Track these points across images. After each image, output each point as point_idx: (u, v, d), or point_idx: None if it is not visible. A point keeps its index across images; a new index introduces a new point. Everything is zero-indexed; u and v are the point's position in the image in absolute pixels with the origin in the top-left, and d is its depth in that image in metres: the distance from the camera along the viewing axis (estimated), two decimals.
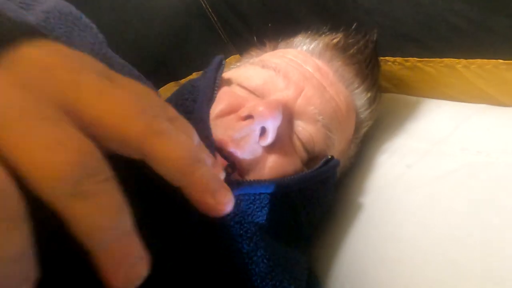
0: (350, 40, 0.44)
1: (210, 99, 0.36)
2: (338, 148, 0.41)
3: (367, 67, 0.44)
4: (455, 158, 0.38)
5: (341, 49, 0.43)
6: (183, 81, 0.71)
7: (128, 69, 0.34)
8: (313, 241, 0.42)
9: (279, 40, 0.48)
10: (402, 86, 0.46)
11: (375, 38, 0.46)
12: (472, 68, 0.41)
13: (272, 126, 0.33)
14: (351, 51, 0.43)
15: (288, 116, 0.37)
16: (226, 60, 0.41)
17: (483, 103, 0.43)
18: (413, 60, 0.46)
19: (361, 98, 0.44)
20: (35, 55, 0.14)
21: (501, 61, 0.38)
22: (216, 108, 0.36)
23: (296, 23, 0.56)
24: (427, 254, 0.32)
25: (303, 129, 0.38)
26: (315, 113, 0.38)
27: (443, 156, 0.39)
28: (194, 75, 0.72)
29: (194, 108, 0.34)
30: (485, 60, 0.40)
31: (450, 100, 0.47)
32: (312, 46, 0.43)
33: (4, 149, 0.12)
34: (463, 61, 0.42)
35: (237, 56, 0.75)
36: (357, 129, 0.45)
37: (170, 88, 0.70)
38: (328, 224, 0.43)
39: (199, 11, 0.70)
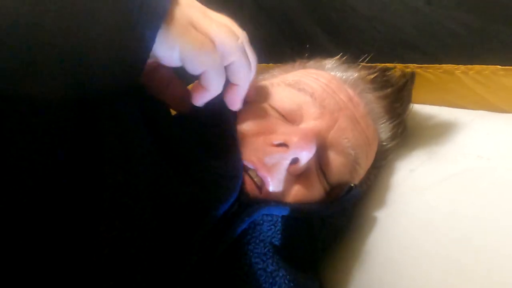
0: (387, 78, 0.43)
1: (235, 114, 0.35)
2: (360, 178, 0.41)
3: (400, 107, 0.43)
4: (457, 163, 0.38)
5: (377, 85, 0.42)
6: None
7: None
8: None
9: (307, 58, 0.47)
10: None
11: (414, 80, 0.44)
12: (470, 74, 0.42)
13: (306, 158, 0.32)
14: (388, 90, 0.42)
15: (320, 145, 0.36)
16: None
17: (481, 109, 0.44)
18: (412, 66, 0.47)
19: (386, 132, 0.43)
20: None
21: (499, 67, 0.39)
22: (244, 125, 0.34)
23: (296, 30, 0.57)
24: (431, 257, 0.32)
25: (334, 160, 0.36)
26: (348, 146, 0.37)
27: (445, 161, 0.40)
28: None
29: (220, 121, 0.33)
30: (484, 66, 0.41)
31: (450, 106, 0.47)
32: (347, 74, 0.42)
33: None
34: (461, 67, 0.43)
35: None
36: (376, 160, 0.43)
37: None
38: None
39: None
